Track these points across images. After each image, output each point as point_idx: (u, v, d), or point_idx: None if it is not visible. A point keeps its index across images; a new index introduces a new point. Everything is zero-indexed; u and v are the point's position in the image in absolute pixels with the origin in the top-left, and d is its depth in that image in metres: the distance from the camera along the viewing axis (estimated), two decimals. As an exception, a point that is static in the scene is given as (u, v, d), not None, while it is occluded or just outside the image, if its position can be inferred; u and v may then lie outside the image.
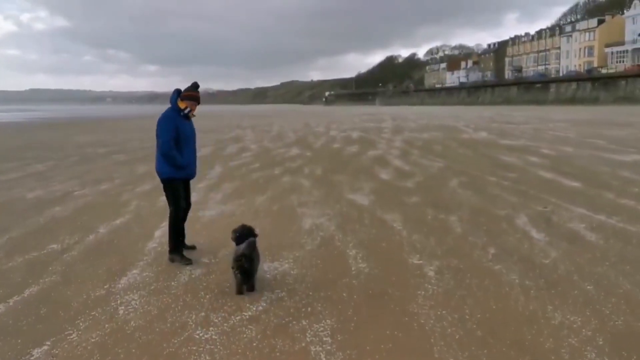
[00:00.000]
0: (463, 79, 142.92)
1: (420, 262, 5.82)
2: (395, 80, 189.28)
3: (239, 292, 4.92)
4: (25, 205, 9.74)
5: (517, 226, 7.37)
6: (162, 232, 7.27)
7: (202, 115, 65.97)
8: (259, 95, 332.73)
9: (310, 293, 4.93)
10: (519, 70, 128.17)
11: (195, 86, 6.08)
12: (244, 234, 5.14)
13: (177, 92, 6.06)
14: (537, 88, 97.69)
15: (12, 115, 76.90)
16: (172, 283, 5.32)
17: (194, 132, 6.20)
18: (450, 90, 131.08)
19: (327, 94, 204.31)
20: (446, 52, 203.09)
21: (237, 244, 5.09)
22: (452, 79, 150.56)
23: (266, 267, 5.73)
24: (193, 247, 6.53)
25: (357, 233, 7.16)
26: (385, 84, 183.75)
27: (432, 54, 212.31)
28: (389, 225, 7.58)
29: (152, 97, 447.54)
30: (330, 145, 21.24)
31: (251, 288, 4.96)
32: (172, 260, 6.04)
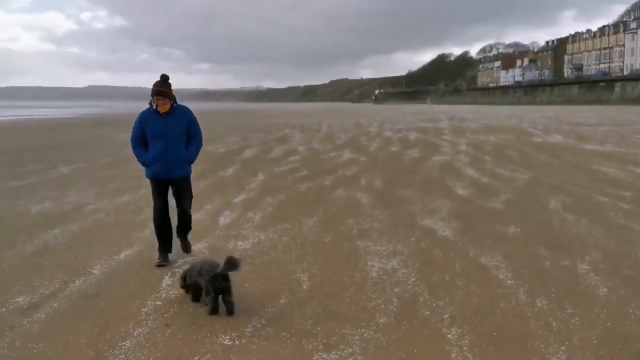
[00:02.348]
0: (518, 78, 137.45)
1: (573, 363, 3.53)
2: (446, 79, 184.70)
3: (214, 312, 4.40)
4: (21, 223, 7.90)
5: (692, 287, 4.94)
6: (174, 279, 5.23)
7: (251, 113, 64.81)
8: (308, 93, 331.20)
9: None
10: (579, 68, 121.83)
11: (162, 79, 5.59)
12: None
13: None
14: (600, 87, 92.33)
15: (67, 112, 77.41)
16: (165, 396, 3.22)
17: (172, 128, 5.65)
18: (505, 89, 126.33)
19: (376, 92, 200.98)
20: (500, 51, 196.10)
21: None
22: (507, 77, 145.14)
23: (319, 363, 3.56)
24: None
25: (450, 291, 4.90)
26: (436, 82, 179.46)
27: (485, 52, 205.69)
28: (493, 277, 5.29)
29: (204, 95, 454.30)
30: (387, 149, 18.93)
31: (231, 310, 4.40)
32: None
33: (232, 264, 4.40)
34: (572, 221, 7.59)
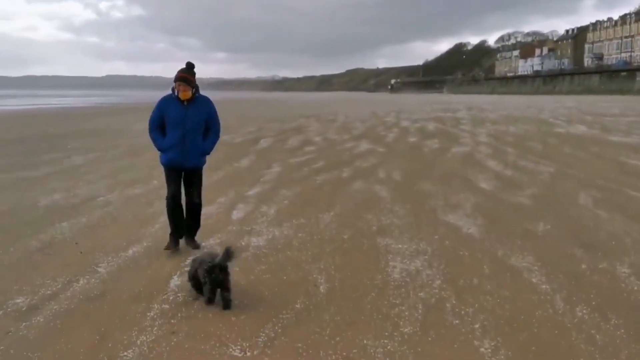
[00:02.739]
0: (537, 67, 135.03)
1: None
2: (464, 68, 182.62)
3: (210, 303, 4.32)
4: (28, 216, 7.64)
5: None
6: (183, 279, 4.90)
7: (267, 103, 64.38)
8: (324, 83, 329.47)
9: None
10: (600, 57, 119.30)
11: (187, 66, 5.61)
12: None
13: None
14: (621, 77, 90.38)
15: (85, 101, 77.64)
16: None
17: (191, 117, 5.60)
18: (523, 78, 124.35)
19: (393, 81, 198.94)
20: (519, 39, 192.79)
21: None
22: (525, 67, 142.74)
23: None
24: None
25: (479, 296, 4.52)
26: (453, 72, 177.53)
27: (503, 41, 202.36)
28: (525, 281, 4.89)
29: (220, 84, 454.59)
30: (405, 139, 18.48)
31: (227, 306, 4.25)
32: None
33: (230, 254, 4.27)
34: (605, 218, 7.15)
